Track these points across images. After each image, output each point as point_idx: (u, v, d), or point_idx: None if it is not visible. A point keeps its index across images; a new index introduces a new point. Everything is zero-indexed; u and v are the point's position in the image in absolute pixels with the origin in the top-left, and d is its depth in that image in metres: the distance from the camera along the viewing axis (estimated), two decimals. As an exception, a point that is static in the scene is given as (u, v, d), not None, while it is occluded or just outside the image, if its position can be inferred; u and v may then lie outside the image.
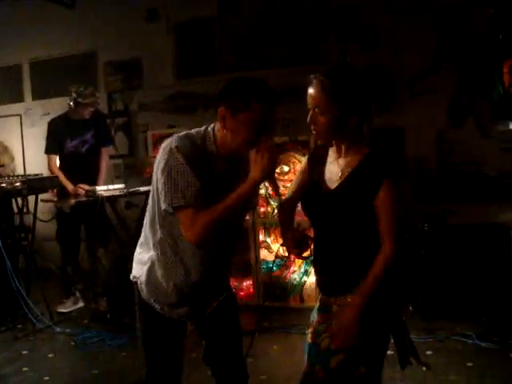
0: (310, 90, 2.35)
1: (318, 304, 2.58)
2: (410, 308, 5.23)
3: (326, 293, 2.52)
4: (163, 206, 2.34)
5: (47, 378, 4.30)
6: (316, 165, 2.54)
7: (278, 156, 2.37)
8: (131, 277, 2.64)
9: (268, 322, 5.33)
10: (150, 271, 2.53)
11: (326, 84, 2.30)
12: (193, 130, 2.48)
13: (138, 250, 2.65)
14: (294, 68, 6.33)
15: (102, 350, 4.85)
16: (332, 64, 2.49)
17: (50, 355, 4.78)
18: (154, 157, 6.01)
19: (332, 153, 2.49)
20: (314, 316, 2.55)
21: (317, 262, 2.56)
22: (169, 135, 6.24)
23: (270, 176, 2.36)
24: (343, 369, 2.32)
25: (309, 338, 2.52)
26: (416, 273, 5.22)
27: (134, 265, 2.65)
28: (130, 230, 5.78)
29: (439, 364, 4.16)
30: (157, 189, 2.40)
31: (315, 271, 2.59)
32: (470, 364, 4.13)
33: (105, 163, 6.06)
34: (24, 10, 7.51)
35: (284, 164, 5.52)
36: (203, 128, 2.49)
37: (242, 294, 5.85)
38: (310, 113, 2.37)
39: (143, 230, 2.62)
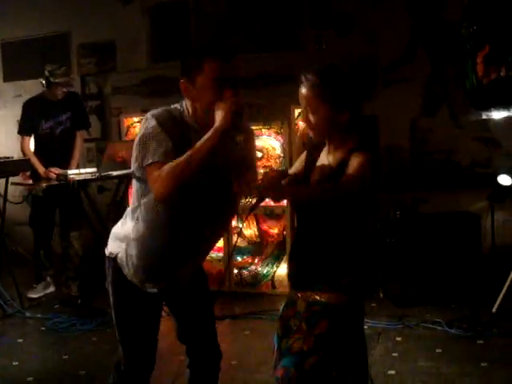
0: (301, 90, 2.36)
1: (286, 299, 2.57)
2: (381, 295, 5.28)
3: (294, 285, 2.51)
4: (133, 168, 2.35)
5: (16, 363, 4.27)
6: (311, 156, 2.56)
7: (242, 104, 2.31)
8: (107, 253, 2.60)
9: (239, 308, 5.34)
10: (131, 247, 2.50)
11: (315, 83, 2.32)
12: (171, 106, 2.47)
13: (117, 226, 2.63)
14: (268, 54, 6.32)
15: (73, 334, 4.83)
16: (306, 50, 2.52)
17: (20, 340, 4.74)
18: (127, 141, 5.95)
19: (326, 147, 2.49)
20: (283, 309, 2.54)
21: (292, 253, 2.54)
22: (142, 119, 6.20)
23: (233, 122, 2.25)
24: (316, 371, 2.29)
25: (278, 331, 2.51)
26: (387, 260, 5.27)
27: (112, 242, 2.60)
28: (101, 215, 5.75)
29: (409, 350, 4.21)
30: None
31: (288, 262, 2.58)
32: (439, 350, 4.18)
33: (79, 146, 5.97)
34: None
35: (258, 150, 5.51)
36: (178, 104, 2.47)
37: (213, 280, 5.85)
38: (303, 112, 2.40)
39: (127, 208, 2.61)
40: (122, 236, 2.53)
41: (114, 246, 2.58)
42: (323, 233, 2.37)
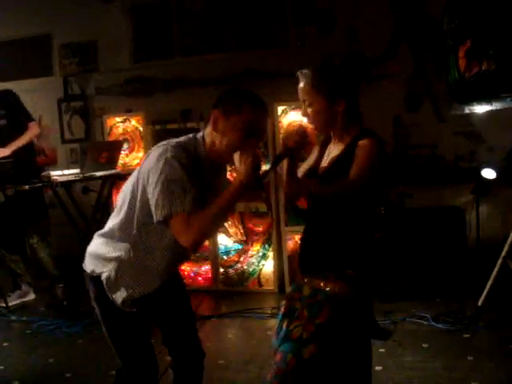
0: (299, 85, 2.47)
1: (294, 282, 2.66)
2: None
3: (302, 269, 2.57)
4: (158, 217, 2.31)
5: (2, 367, 4.22)
6: (322, 148, 2.65)
7: (260, 157, 2.39)
8: (89, 271, 2.59)
9: (226, 307, 5.34)
10: (118, 270, 2.52)
11: (309, 75, 2.43)
12: (182, 138, 2.49)
13: (100, 246, 2.61)
14: (251, 51, 6.31)
15: (59, 337, 4.79)
16: (289, 47, 2.60)
17: (5, 344, 4.70)
18: (110, 141, 5.88)
19: (332, 139, 2.59)
20: (292, 290, 2.63)
21: (303, 237, 2.62)
22: (125, 120, 6.19)
23: (250, 178, 2.32)
24: (315, 360, 2.32)
25: (282, 308, 2.58)
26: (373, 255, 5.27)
27: (95, 260, 2.60)
28: (86, 216, 5.71)
29: (395, 345, 4.21)
30: (140, 196, 2.40)
31: (299, 245, 2.65)
32: (425, 345, 4.18)
33: (26, 135, 5.60)
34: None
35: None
36: (192, 135, 2.51)
37: (200, 279, 5.85)
38: (302, 106, 2.50)
39: (109, 228, 2.58)
40: (110, 257, 2.53)
41: (96, 265, 2.57)
42: (332, 221, 2.45)
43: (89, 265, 2.61)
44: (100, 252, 2.59)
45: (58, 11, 7.02)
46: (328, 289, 2.39)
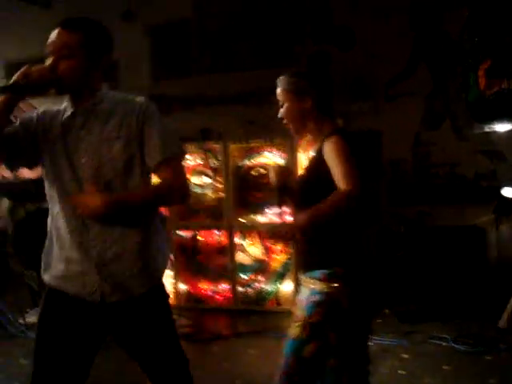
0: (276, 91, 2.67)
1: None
2: (386, 311, 5.23)
3: (299, 269, 2.69)
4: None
5: (18, 384, 4.23)
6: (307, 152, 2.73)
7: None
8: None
9: (244, 326, 5.30)
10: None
11: (282, 78, 2.65)
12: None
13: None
14: (270, 70, 6.30)
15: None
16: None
17: (23, 361, 4.69)
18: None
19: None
20: (297, 297, 2.69)
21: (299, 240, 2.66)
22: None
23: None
24: (315, 358, 2.40)
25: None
26: (392, 275, 5.23)
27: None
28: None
29: (415, 367, 4.16)
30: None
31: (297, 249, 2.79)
32: (445, 367, 4.12)
33: None
34: (0, 10, 7.43)
35: (261, 167, 5.50)
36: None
37: (218, 297, 5.83)
38: (280, 109, 2.65)
39: None
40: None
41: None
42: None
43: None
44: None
45: (79, 30, 7.08)
46: (321, 289, 2.45)
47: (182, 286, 5.97)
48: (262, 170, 5.49)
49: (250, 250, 5.67)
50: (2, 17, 7.38)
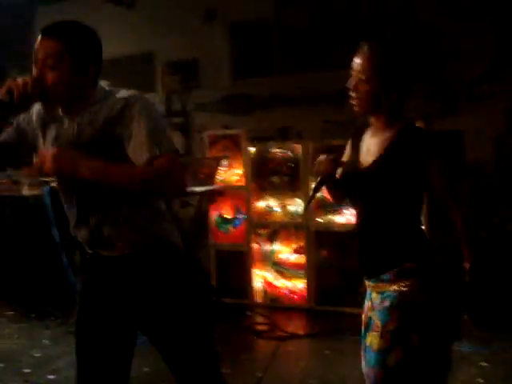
0: (359, 57, 2.39)
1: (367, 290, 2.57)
2: (466, 317, 5.11)
3: (365, 274, 2.50)
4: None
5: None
6: (355, 140, 2.55)
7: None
8: None
9: (320, 326, 5.30)
10: None
11: (378, 53, 2.35)
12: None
13: None
14: (350, 69, 6.27)
15: (153, 348, 4.87)
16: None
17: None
18: (210, 157, 5.96)
19: (370, 130, 2.49)
20: (365, 302, 2.54)
21: (359, 241, 2.53)
22: (225, 136, 6.30)
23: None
24: (401, 367, 2.28)
25: (362, 326, 2.52)
26: (473, 280, 5.11)
27: None
28: (184, 229, 5.83)
29: (494, 376, 4.07)
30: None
31: (357, 251, 2.55)
32: (527, 376, 4.02)
33: None
34: (83, 11, 7.64)
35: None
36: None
37: (295, 296, 5.85)
38: (354, 79, 2.40)
39: None
40: None
41: None
42: (384, 220, 2.38)
43: None
44: None
45: (161, 30, 7.23)
46: (392, 290, 2.34)
47: (259, 284, 6.02)
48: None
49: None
50: (87, 17, 7.59)
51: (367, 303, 2.51)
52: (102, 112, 2.20)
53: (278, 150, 5.90)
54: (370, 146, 2.44)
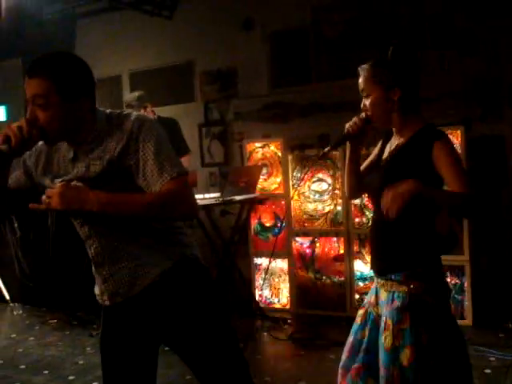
0: (359, 80, 2.57)
1: (373, 285, 2.66)
2: (510, 325, 5.05)
3: (375, 272, 2.59)
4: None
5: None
6: (384, 142, 2.69)
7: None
8: None
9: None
10: None
11: (366, 68, 2.54)
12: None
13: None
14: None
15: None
16: (427, 71, 2.64)
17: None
18: (250, 166, 5.99)
19: (393, 137, 2.61)
20: (368, 297, 2.65)
21: (371, 239, 2.67)
22: (264, 145, 6.32)
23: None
24: (415, 364, 2.33)
25: (358, 319, 2.62)
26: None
27: None
28: (224, 238, 5.88)
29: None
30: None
31: (371, 248, 2.69)
32: None
33: None
34: (124, 23, 7.78)
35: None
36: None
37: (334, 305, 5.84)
38: (362, 101, 2.56)
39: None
40: None
41: None
42: (402, 222, 2.38)
43: None
44: None
45: (200, 40, 7.30)
46: (402, 291, 2.41)
47: (299, 292, 6.02)
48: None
49: (368, 257, 5.64)
50: (127, 28, 7.72)
51: (370, 298, 2.61)
52: (107, 143, 2.18)
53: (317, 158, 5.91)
54: (392, 146, 2.59)
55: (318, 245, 5.95)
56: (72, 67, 2.16)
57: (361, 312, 2.63)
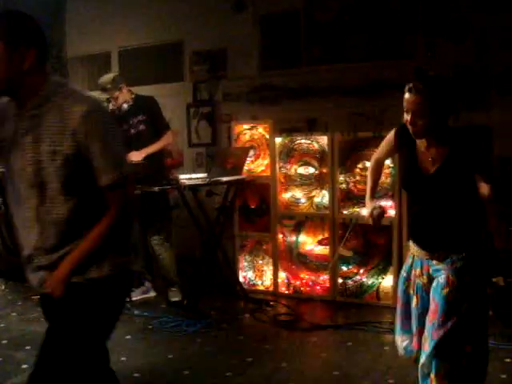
0: (409, 96, 2.71)
1: (410, 260, 2.99)
2: (491, 313, 5.08)
3: (425, 248, 2.90)
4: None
5: (124, 358, 4.39)
6: (404, 145, 2.95)
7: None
8: None
9: (342, 318, 5.31)
10: None
11: (425, 93, 2.66)
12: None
13: None
14: (379, 62, 6.24)
15: (178, 334, 4.94)
16: (416, 58, 2.76)
17: (128, 337, 4.89)
18: (237, 147, 5.98)
19: (420, 142, 2.87)
20: (409, 270, 3.00)
21: (418, 232, 2.95)
22: (252, 126, 6.30)
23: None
24: (469, 312, 2.75)
25: (409, 289, 2.99)
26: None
27: None
28: (210, 218, 5.88)
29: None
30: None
31: (414, 239, 2.97)
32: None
33: (162, 143, 5.80)
34: (115, 0, 7.72)
35: (366, 160, 5.45)
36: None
37: (318, 288, 5.86)
38: (410, 116, 2.72)
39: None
40: None
41: None
42: (452, 212, 2.81)
43: None
44: None
45: (190, 20, 7.26)
46: (461, 255, 2.79)
47: (282, 274, 6.05)
48: (367, 163, 5.45)
49: (351, 242, 5.65)
50: (117, 5, 7.66)
51: (415, 271, 2.94)
52: (46, 127, 2.18)
53: (304, 141, 5.90)
54: (428, 157, 2.83)
55: (302, 228, 5.95)
56: (17, 17, 2.20)
57: (410, 283, 2.98)
